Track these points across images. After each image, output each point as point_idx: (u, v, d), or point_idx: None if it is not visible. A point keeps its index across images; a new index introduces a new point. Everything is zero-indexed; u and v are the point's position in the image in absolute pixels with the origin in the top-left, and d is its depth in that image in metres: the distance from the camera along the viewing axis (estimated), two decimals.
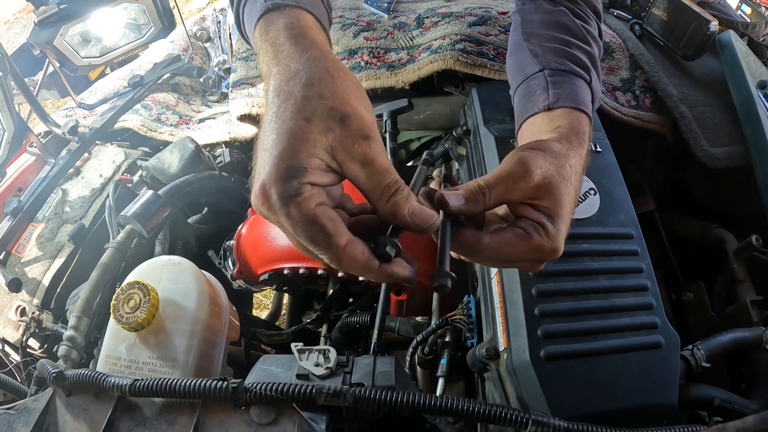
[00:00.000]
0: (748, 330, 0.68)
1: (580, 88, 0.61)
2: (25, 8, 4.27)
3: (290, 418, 0.49)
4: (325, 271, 0.83)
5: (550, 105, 0.59)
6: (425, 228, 0.42)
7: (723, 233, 0.91)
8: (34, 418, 0.50)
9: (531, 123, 0.61)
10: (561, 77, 0.62)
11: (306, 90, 0.41)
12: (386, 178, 0.41)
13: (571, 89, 0.60)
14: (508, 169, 0.47)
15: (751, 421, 0.40)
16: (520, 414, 0.49)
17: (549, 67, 0.63)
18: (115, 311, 0.64)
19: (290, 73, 0.43)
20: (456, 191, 0.45)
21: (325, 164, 0.40)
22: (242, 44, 1.23)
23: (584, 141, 0.55)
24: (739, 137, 0.91)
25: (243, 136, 1.10)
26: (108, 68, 1.56)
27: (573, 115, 0.58)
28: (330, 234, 0.39)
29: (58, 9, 1.06)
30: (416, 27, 1.02)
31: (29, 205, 1.00)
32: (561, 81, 0.61)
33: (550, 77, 0.62)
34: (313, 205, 0.39)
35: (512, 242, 0.45)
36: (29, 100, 1.05)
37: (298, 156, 0.39)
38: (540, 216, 0.47)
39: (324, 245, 0.39)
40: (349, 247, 0.39)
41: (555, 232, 0.46)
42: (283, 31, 0.47)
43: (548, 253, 0.47)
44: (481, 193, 0.45)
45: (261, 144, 0.41)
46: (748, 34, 1.07)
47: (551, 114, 0.59)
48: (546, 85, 0.61)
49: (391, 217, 0.41)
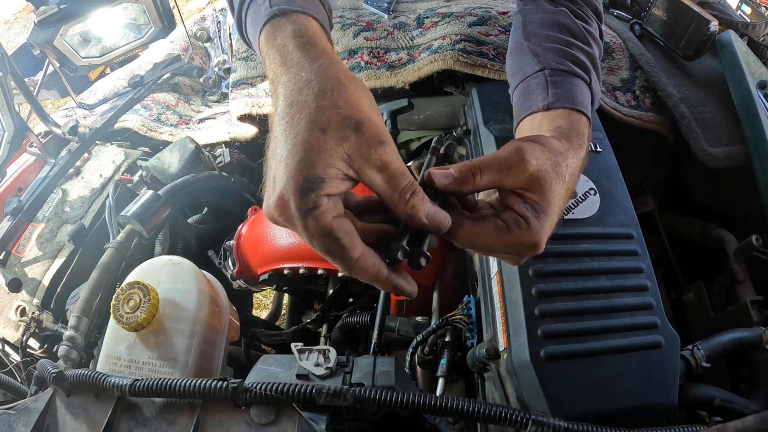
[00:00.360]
0: (748, 330, 0.68)
1: (579, 89, 0.61)
2: (25, 8, 4.27)
3: (290, 418, 0.49)
4: (325, 271, 0.83)
5: (549, 105, 0.59)
6: (441, 229, 0.43)
7: (723, 233, 0.91)
8: (34, 418, 0.50)
9: (529, 121, 0.60)
10: (561, 77, 0.62)
11: (319, 100, 0.42)
12: (403, 181, 0.42)
13: (571, 90, 0.60)
14: (503, 154, 0.47)
15: (751, 421, 0.40)
16: (520, 414, 0.49)
17: (549, 66, 0.63)
18: (115, 311, 0.64)
19: (302, 82, 0.43)
20: (445, 169, 0.45)
21: (342, 173, 0.41)
22: (242, 44, 1.23)
23: (584, 143, 0.55)
24: (739, 137, 0.91)
25: (243, 136, 1.10)
26: (108, 68, 1.56)
27: (572, 116, 0.57)
28: (345, 247, 0.40)
29: (58, 9, 1.06)
30: (416, 27, 1.02)
31: (29, 205, 1.00)
32: (561, 81, 0.61)
33: (550, 77, 0.62)
34: (330, 218, 0.40)
35: (490, 233, 0.45)
36: (29, 100, 1.05)
37: (315, 167, 0.40)
38: (526, 209, 0.46)
39: (338, 257, 0.41)
40: (362, 260, 0.41)
41: (538, 227, 0.46)
42: (291, 39, 0.48)
43: (527, 249, 0.47)
44: (472, 173, 0.45)
45: (274, 153, 0.42)
46: (748, 34, 1.07)
47: (551, 114, 0.58)
48: (546, 85, 0.61)
49: (409, 219, 0.42)
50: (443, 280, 0.85)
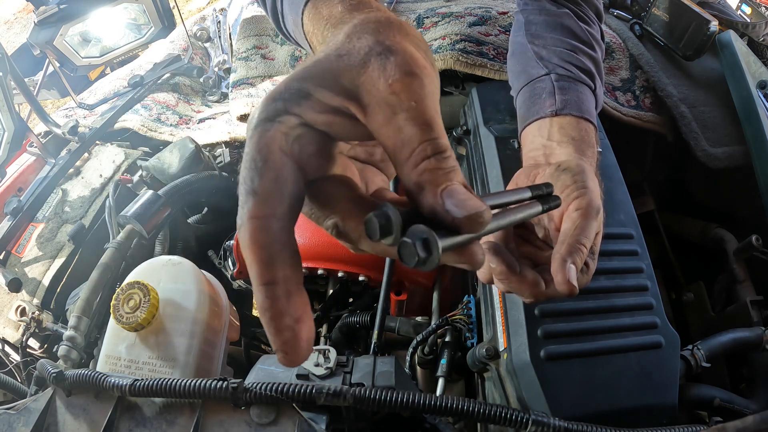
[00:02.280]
0: (748, 330, 0.68)
1: (585, 97, 0.61)
2: (25, 8, 4.27)
3: (290, 418, 0.49)
4: (325, 271, 0.83)
5: (557, 110, 0.59)
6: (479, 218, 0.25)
7: (723, 233, 0.91)
8: (34, 418, 0.50)
9: (537, 126, 0.61)
10: (568, 83, 0.62)
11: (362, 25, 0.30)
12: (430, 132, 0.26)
13: (578, 97, 0.60)
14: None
15: (751, 421, 0.40)
16: (520, 414, 0.49)
17: (555, 71, 0.63)
18: (115, 311, 0.64)
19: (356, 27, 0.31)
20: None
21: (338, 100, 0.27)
22: (242, 44, 1.23)
23: (595, 153, 0.56)
24: (739, 137, 0.91)
25: (243, 136, 1.10)
26: (108, 68, 1.56)
27: (581, 125, 0.58)
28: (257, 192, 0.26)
29: (58, 9, 1.06)
30: (416, 27, 1.02)
31: (29, 205, 1.00)
32: (568, 87, 0.61)
33: (556, 82, 0.62)
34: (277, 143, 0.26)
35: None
36: (29, 100, 1.05)
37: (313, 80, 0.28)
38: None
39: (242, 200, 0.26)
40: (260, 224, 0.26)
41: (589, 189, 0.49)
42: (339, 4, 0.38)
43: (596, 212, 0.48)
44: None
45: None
46: (748, 34, 1.07)
47: (559, 121, 0.59)
48: (553, 90, 0.61)
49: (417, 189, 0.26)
50: (443, 280, 0.85)
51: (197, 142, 1.02)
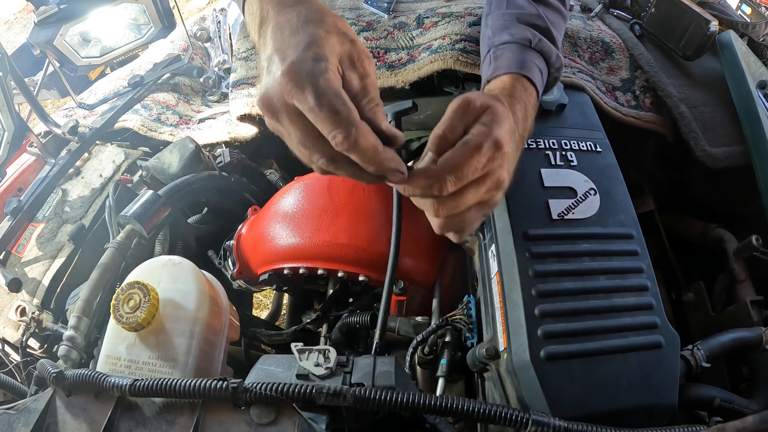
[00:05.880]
0: (748, 330, 0.68)
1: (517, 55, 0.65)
2: (25, 8, 4.27)
3: (290, 418, 0.49)
4: (325, 271, 0.83)
5: (489, 78, 0.65)
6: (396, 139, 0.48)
7: (723, 233, 0.90)
8: (34, 418, 0.50)
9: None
10: (501, 50, 0.67)
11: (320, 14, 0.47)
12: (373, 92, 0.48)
13: (508, 57, 0.65)
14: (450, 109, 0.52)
15: (751, 421, 0.40)
16: (520, 414, 0.49)
17: (492, 45, 0.68)
18: (115, 311, 0.64)
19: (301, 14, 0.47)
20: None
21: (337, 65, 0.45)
22: (242, 44, 1.23)
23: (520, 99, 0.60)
24: (739, 137, 0.91)
25: (243, 136, 1.10)
26: (108, 68, 1.56)
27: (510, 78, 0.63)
28: (351, 109, 0.43)
29: (58, 9, 1.06)
30: (416, 27, 1.02)
31: (29, 205, 1.00)
32: (500, 54, 0.67)
33: (492, 53, 0.68)
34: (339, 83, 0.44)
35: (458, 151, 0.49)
36: (29, 100, 1.05)
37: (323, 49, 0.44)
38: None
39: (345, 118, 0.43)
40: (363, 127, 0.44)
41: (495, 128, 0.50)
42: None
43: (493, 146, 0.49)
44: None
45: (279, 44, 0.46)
46: (748, 34, 1.07)
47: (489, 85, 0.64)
48: (489, 63, 0.67)
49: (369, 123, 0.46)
50: (443, 280, 0.85)
51: (197, 142, 1.02)
